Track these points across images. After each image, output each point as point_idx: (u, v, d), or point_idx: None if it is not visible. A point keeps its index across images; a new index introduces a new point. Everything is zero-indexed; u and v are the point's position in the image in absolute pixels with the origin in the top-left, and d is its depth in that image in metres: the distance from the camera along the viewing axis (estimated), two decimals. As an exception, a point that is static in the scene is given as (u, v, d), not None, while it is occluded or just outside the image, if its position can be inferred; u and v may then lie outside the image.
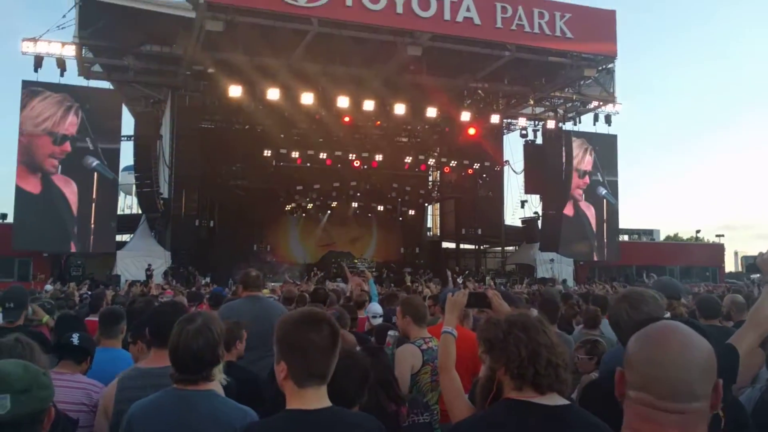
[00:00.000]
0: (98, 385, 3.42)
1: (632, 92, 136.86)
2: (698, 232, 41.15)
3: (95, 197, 22.38)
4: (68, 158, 22.00)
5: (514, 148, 41.26)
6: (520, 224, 32.12)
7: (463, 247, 35.92)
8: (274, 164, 26.58)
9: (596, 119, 28.42)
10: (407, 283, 13.30)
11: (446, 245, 37.38)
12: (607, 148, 29.24)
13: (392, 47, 21.25)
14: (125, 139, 24.93)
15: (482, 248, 34.75)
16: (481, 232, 32.38)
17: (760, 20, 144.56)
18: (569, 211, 28.05)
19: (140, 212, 25.85)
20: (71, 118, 22.09)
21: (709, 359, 1.24)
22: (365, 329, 5.98)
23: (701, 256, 33.90)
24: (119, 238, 24.68)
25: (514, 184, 31.32)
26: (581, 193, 28.48)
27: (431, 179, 34.49)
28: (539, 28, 21.40)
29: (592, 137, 28.89)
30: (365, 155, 27.86)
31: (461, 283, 18.56)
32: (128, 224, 25.78)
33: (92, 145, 22.30)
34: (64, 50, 21.74)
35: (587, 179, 28.70)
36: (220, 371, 2.51)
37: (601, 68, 24.80)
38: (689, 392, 1.21)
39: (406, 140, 30.57)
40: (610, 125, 28.51)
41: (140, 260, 22.37)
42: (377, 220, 34.19)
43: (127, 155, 25.67)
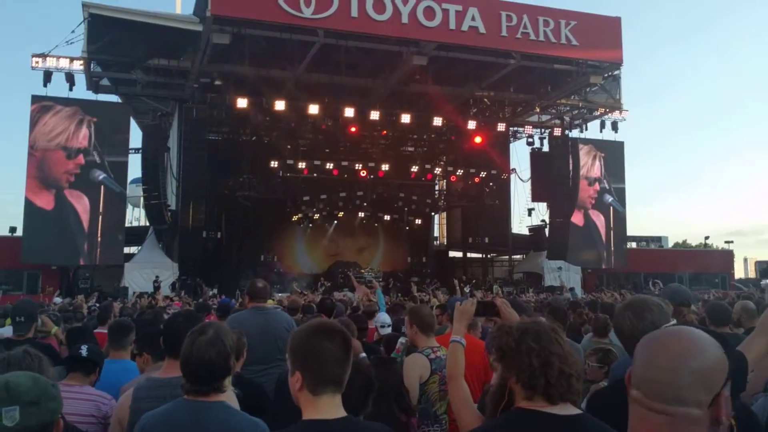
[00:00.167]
0: (107, 397, 3.43)
1: (639, 98, 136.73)
2: (707, 238, 40.98)
3: (102, 210, 22.52)
4: (81, 171, 22.21)
5: (520, 156, 41.06)
6: (527, 232, 32.02)
7: (470, 255, 35.84)
8: (281, 175, 26.67)
9: (603, 126, 28.39)
10: (414, 292, 13.25)
11: (453, 254, 37.32)
12: (614, 155, 29.18)
13: (398, 57, 21.34)
14: (133, 151, 25.13)
15: (489, 257, 34.65)
16: (488, 240, 32.29)
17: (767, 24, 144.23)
18: (578, 219, 27.96)
19: (148, 224, 25.98)
20: (84, 131, 22.32)
21: (708, 369, 1.21)
22: (374, 339, 5.97)
23: (710, 262, 33.65)
24: (127, 250, 24.82)
25: (521, 192, 31.27)
26: (592, 201, 28.43)
27: (438, 188, 34.51)
28: (544, 35, 21.42)
29: (599, 144, 28.85)
30: (372, 165, 27.91)
31: (468, 292, 18.50)
32: (136, 236, 25.92)
33: (99, 158, 22.49)
34: (72, 65, 21.98)
35: (597, 186, 28.64)
36: (229, 382, 2.51)
37: (607, 75, 24.81)
38: (674, 396, 1.21)
39: (412, 149, 30.62)
40: (616, 132, 28.51)
41: (148, 272, 22.47)
42: (384, 229, 34.19)
43: (135, 168, 25.89)
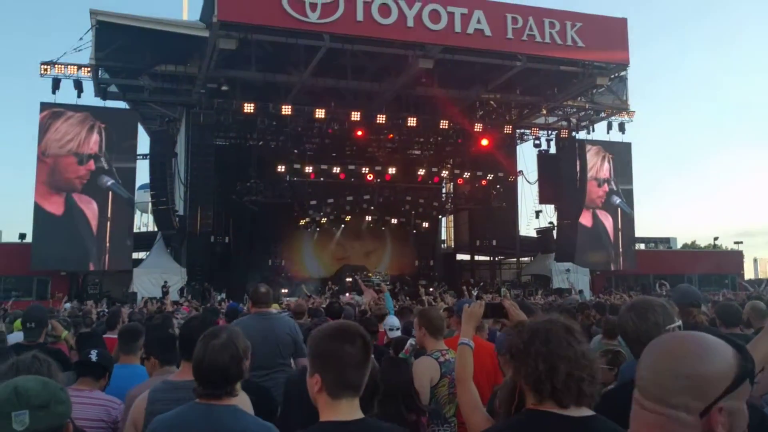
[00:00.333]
0: (117, 401, 3.44)
1: (646, 98, 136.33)
2: (716, 239, 40.74)
3: (111, 216, 22.65)
4: (91, 177, 22.38)
5: (527, 158, 41.05)
6: (534, 235, 31.94)
7: (477, 258, 35.76)
8: (288, 179, 26.74)
9: (610, 127, 28.36)
10: (422, 295, 13.20)
11: (461, 257, 37.24)
12: (621, 156, 29.09)
13: (404, 60, 21.37)
14: (141, 157, 25.27)
15: (497, 260, 34.57)
16: (495, 243, 32.22)
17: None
18: (587, 220, 27.88)
19: (156, 230, 26.10)
20: (95, 136, 22.49)
21: (700, 376, 1.20)
22: (384, 342, 5.97)
23: (720, 263, 33.44)
24: (136, 255, 24.92)
25: (528, 194, 31.20)
26: (601, 202, 28.35)
27: (445, 191, 34.46)
28: (550, 37, 21.40)
29: (606, 145, 28.77)
30: (378, 169, 27.94)
31: (476, 295, 18.44)
32: (144, 242, 26.04)
33: (107, 164, 22.63)
34: (80, 72, 22.14)
35: (606, 187, 28.56)
36: (240, 386, 2.51)
37: (613, 76, 24.75)
38: (661, 397, 1.22)
39: (418, 153, 30.62)
40: (623, 133, 28.46)
41: (156, 277, 22.56)
42: (391, 233, 34.19)
43: (143, 173, 26.02)
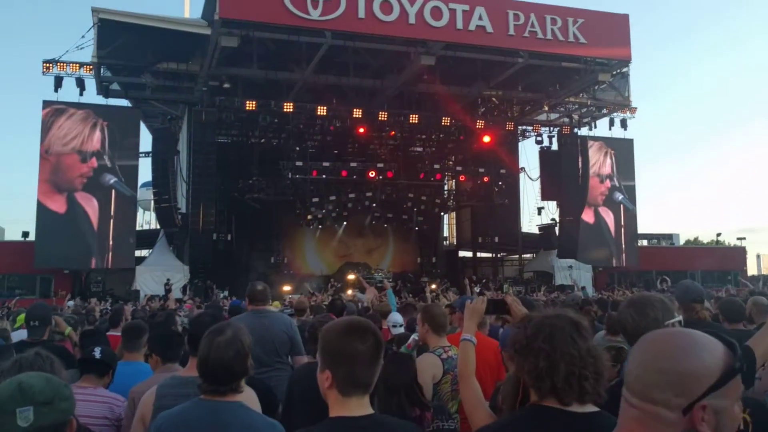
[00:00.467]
0: (120, 398, 3.44)
1: (648, 94, 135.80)
2: (719, 235, 40.72)
3: (113, 214, 22.68)
4: (94, 174, 22.40)
5: (529, 154, 41.05)
6: (537, 231, 31.90)
7: (480, 255, 35.74)
8: (289, 177, 26.70)
9: (612, 124, 28.27)
10: (426, 293, 13.16)
11: (463, 254, 37.21)
12: (623, 152, 29.03)
13: (405, 57, 21.35)
14: (143, 155, 25.30)
15: (499, 256, 34.53)
16: (497, 240, 32.16)
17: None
18: (589, 217, 27.85)
19: (159, 227, 26.12)
20: (97, 134, 22.50)
21: (682, 373, 1.19)
22: (387, 339, 5.97)
23: (723, 259, 33.40)
24: (138, 253, 24.94)
25: (530, 191, 31.16)
26: (603, 199, 28.32)
27: (447, 188, 34.41)
28: (552, 34, 21.35)
29: (608, 142, 28.72)
30: (380, 166, 27.90)
31: (478, 292, 18.45)
32: (147, 240, 26.06)
33: (110, 162, 22.66)
34: (82, 70, 22.16)
35: (608, 183, 28.54)
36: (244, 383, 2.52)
37: (615, 72, 24.69)
38: (641, 392, 1.22)
39: (420, 150, 30.56)
40: (626, 129, 28.38)
41: (159, 275, 22.57)
42: (393, 230, 34.14)
43: (145, 171, 26.04)
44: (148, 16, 21.10)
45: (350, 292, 19.33)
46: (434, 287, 22.63)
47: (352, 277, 26.21)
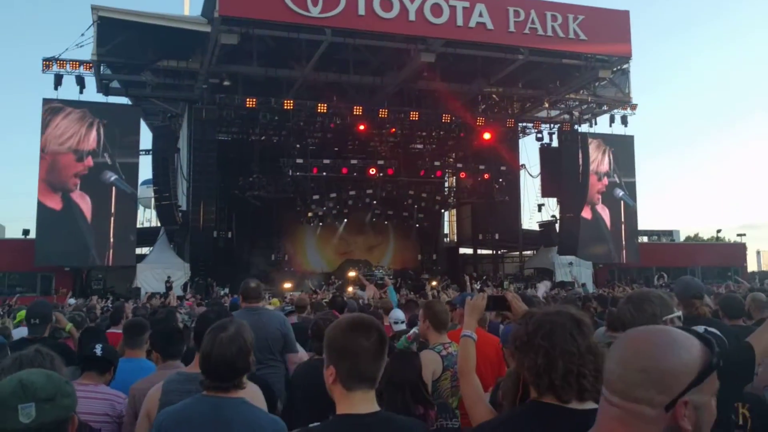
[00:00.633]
0: (121, 395, 3.45)
1: (648, 90, 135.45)
2: (719, 231, 40.68)
3: (114, 211, 22.71)
4: (89, 173, 22.41)
5: (530, 151, 40.94)
6: (537, 228, 31.91)
7: (480, 252, 35.75)
8: (290, 174, 26.70)
9: (612, 120, 28.27)
10: (428, 290, 13.14)
11: (463, 251, 37.24)
12: (623, 149, 29.05)
13: (406, 54, 21.33)
14: (144, 153, 25.29)
15: (500, 253, 34.56)
16: (498, 237, 32.18)
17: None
18: (587, 213, 27.94)
19: (159, 225, 26.13)
20: (93, 133, 22.52)
21: (662, 370, 1.20)
22: (390, 336, 5.97)
23: (723, 256, 33.40)
24: (139, 251, 24.98)
25: (530, 187, 31.23)
26: (599, 196, 28.38)
27: (447, 185, 34.39)
28: (552, 30, 21.33)
29: (608, 138, 28.72)
30: (381, 163, 27.90)
31: (479, 289, 18.47)
32: (148, 237, 26.08)
33: (110, 160, 22.69)
34: (82, 68, 22.15)
35: (606, 181, 28.60)
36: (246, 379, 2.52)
37: (615, 69, 24.66)
38: (624, 390, 1.23)
39: (421, 147, 30.54)
40: (626, 126, 28.40)
41: (160, 272, 22.61)
42: (394, 227, 34.16)
43: (146, 169, 26.04)
44: (147, 13, 21.08)
45: (351, 289, 19.35)
46: (435, 284, 22.69)
47: (352, 274, 26.23)
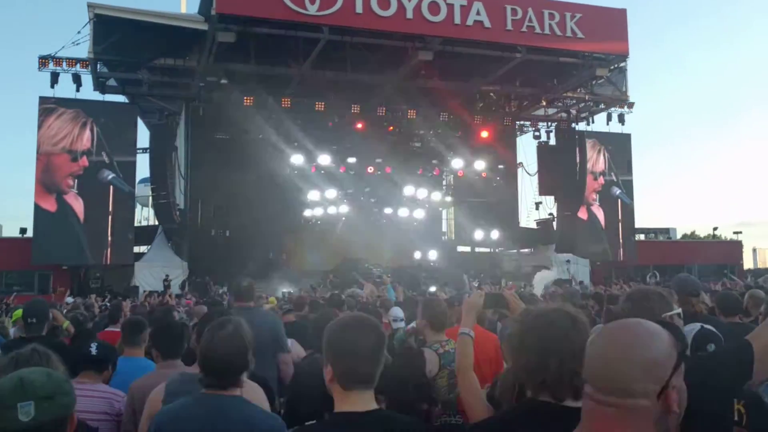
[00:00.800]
0: (120, 394, 3.46)
1: (645, 88, 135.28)
2: (715, 229, 40.73)
3: (111, 210, 22.68)
4: (85, 173, 22.37)
5: (527, 149, 40.93)
6: (535, 226, 31.93)
7: (478, 250, 35.77)
8: (288, 172, 26.71)
9: (609, 119, 28.31)
10: (427, 289, 13.19)
11: (461, 249, 37.25)
12: (620, 147, 29.08)
13: (403, 52, 21.31)
14: (141, 151, 25.22)
15: (497, 251, 34.57)
16: (496, 235, 32.20)
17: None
18: (582, 213, 27.99)
19: (157, 224, 26.10)
20: (87, 133, 22.46)
21: (653, 360, 1.22)
22: (388, 333, 5.99)
23: (719, 253, 33.44)
24: (137, 249, 24.93)
25: (528, 186, 31.19)
26: (595, 196, 28.45)
27: (445, 183, 34.42)
28: (550, 29, 21.36)
29: (604, 137, 28.77)
30: (378, 161, 27.91)
31: (477, 287, 18.50)
32: (146, 236, 26.02)
33: (108, 158, 22.64)
34: (79, 66, 22.07)
35: (602, 180, 28.64)
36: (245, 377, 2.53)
37: (613, 67, 24.69)
38: (624, 388, 1.22)
39: (419, 145, 30.57)
40: (623, 124, 28.40)
41: (158, 271, 22.58)
42: (391, 225, 34.17)
43: (143, 168, 25.98)
44: (144, 11, 21.02)
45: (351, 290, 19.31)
46: (434, 289, 22.63)
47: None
